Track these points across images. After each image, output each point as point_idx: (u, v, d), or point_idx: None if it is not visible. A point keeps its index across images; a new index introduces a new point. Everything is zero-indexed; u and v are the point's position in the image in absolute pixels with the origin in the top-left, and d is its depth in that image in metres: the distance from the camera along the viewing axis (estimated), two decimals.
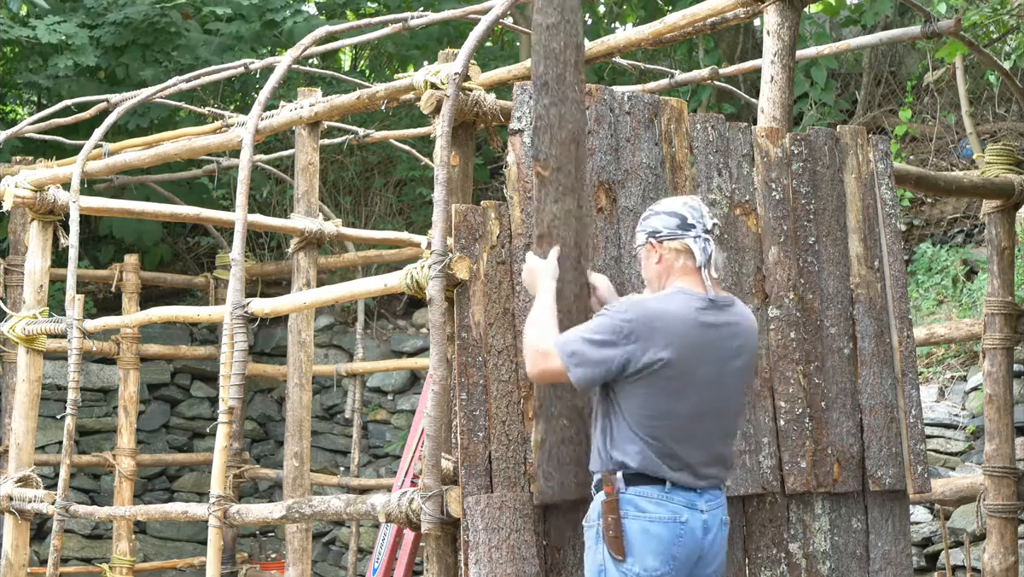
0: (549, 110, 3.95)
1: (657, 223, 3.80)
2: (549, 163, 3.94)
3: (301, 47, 5.81)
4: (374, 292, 4.75)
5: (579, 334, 3.68)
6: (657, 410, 3.67)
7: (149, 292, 10.29)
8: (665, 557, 3.64)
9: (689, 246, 3.76)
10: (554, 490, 3.92)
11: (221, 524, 5.08)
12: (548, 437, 3.91)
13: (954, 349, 8.56)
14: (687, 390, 3.68)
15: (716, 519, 3.76)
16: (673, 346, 3.65)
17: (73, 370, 6.02)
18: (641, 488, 3.66)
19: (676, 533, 3.66)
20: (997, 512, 6.25)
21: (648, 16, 11.71)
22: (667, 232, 3.77)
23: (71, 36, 10.23)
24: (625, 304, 3.74)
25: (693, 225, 3.77)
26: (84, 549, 10.33)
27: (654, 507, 3.66)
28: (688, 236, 3.76)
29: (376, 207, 11.89)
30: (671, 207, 3.82)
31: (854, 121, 10.91)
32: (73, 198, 6.11)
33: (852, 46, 7.16)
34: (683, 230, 3.76)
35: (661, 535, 3.64)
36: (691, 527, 3.68)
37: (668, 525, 3.65)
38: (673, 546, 3.65)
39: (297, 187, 6.74)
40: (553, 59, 3.93)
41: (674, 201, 3.86)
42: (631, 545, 3.64)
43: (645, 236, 3.82)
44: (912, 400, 4.86)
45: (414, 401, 10.52)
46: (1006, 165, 6.38)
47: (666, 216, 3.79)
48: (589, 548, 3.74)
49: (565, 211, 3.95)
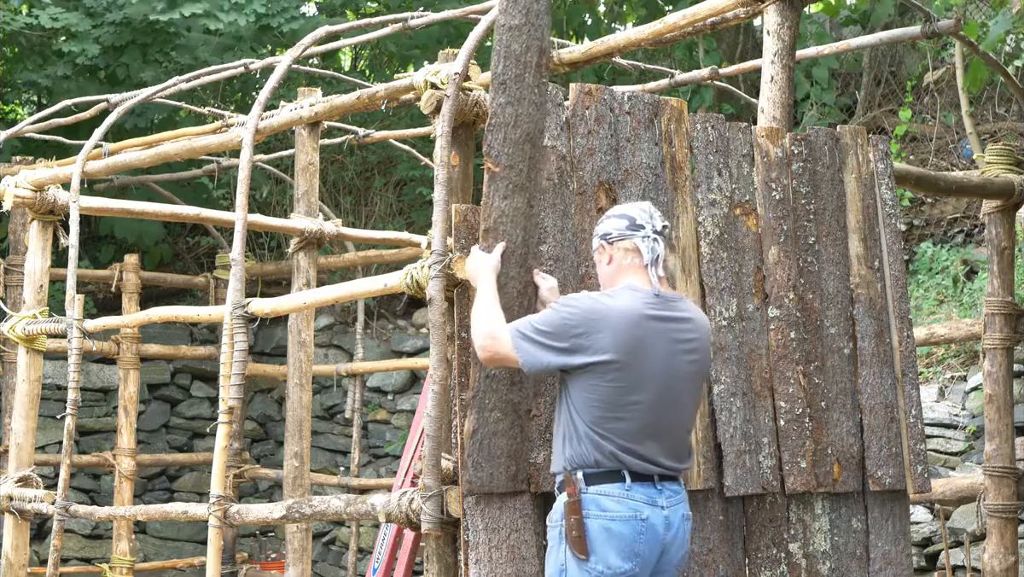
0: (504, 109, 3.99)
1: (608, 226, 3.90)
2: (500, 160, 3.98)
3: (301, 47, 5.81)
4: (374, 292, 4.75)
5: (529, 321, 3.77)
6: (609, 407, 3.71)
7: (149, 292, 10.30)
8: (628, 554, 3.69)
9: (637, 245, 3.84)
10: (483, 481, 3.93)
11: (221, 524, 5.08)
12: (480, 428, 3.94)
13: (954, 349, 8.56)
14: (637, 385, 3.73)
15: (678, 514, 3.80)
16: (619, 342, 3.70)
17: (73, 370, 6.02)
18: (602, 487, 3.71)
19: (637, 530, 3.70)
20: (997, 512, 6.26)
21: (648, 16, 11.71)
22: (617, 233, 3.87)
23: (74, 26, 10.24)
24: (572, 299, 3.80)
25: (642, 225, 3.86)
26: (84, 549, 10.33)
27: (615, 505, 3.70)
28: (637, 236, 3.85)
29: (376, 207, 11.89)
30: (622, 210, 3.92)
31: (854, 121, 10.91)
32: (73, 198, 6.11)
33: (852, 46, 7.16)
34: (632, 230, 3.85)
35: (623, 533, 3.69)
36: (652, 524, 3.72)
37: (629, 523, 3.70)
38: (635, 543, 3.70)
39: (297, 187, 6.75)
40: (513, 60, 3.99)
41: (626, 205, 3.96)
42: (593, 544, 3.68)
43: (598, 240, 3.92)
44: (912, 400, 4.86)
45: (414, 401, 10.52)
46: (1006, 165, 6.38)
47: (616, 219, 3.90)
48: (552, 548, 3.79)
49: (514, 208, 3.98)
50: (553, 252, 4.15)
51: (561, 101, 4.25)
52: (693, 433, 4.21)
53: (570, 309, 3.74)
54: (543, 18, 4.00)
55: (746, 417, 4.48)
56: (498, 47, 3.98)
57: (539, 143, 4.04)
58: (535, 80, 4.00)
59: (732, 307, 4.53)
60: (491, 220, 3.98)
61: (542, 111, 4.04)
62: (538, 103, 4.02)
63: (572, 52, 6.11)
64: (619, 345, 3.70)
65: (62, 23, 10.16)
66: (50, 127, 8.23)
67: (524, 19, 3.98)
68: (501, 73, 3.98)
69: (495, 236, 3.97)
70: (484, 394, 3.95)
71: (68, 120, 7.98)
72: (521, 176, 3.98)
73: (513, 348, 3.73)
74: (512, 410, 3.98)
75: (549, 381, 4.06)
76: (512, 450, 3.98)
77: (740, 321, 4.55)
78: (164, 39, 10.94)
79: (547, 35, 4.03)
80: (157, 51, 11.04)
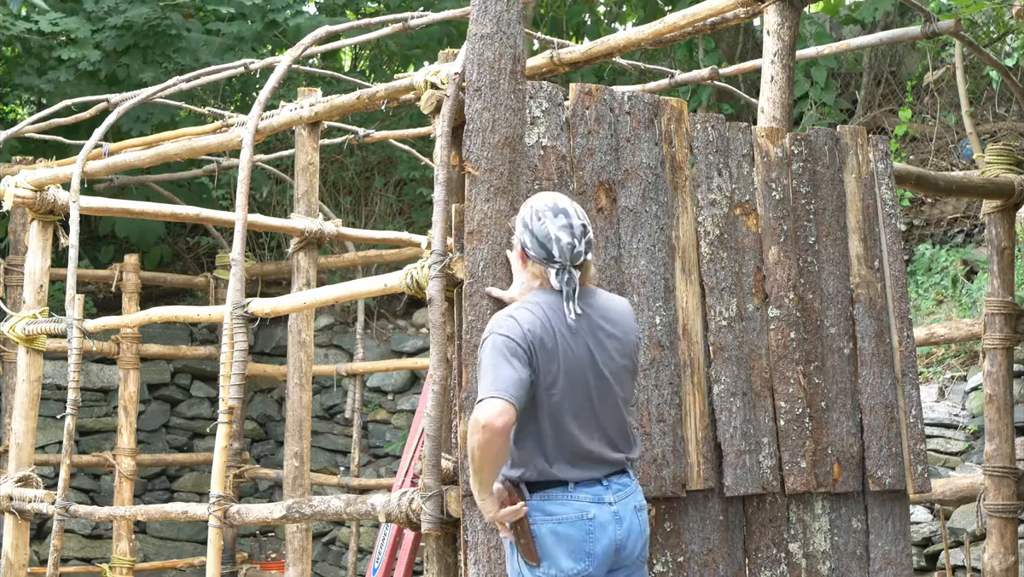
0: (481, 114, 4.04)
1: (528, 239, 3.74)
2: (480, 164, 4.03)
3: (301, 47, 5.81)
4: (374, 292, 4.75)
5: (487, 378, 3.59)
6: (539, 408, 3.66)
7: (149, 292, 10.30)
8: (579, 555, 3.66)
9: (549, 276, 3.72)
10: None
11: (221, 524, 5.08)
12: None
13: (954, 349, 8.56)
14: (562, 382, 3.67)
15: (628, 507, 3.75)
16: (551, 346, 3.64)
17: (73, 370, 6.02)
18: (545, 492, 3.68)
19: (586, 530, 3.67)
20: (997, 512, 6.26)
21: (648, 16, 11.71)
22: (534, 254, 3.74)
23: (73, 31, 10.24)
24: (498, 325, 3.68)
25: (557, 262, 3.70)
26: (84, 549, 10.33)
27: (560, 508, 3.67)
28: (551, 269, 3.72)
29: (376, 207, 11.89)
30: (545, 230, 3.72)
31: (854, 121, 10.91)
32: (73, 198, 6.11)
33: (852, 46, 7.17)
34: (546, 262, 3.71)
35: (571, 535, 3.66)
36: (600, 521, 3.69)
37: (576, 524, 3.67)
38: (585, 543, 3.67)
39: (297, 187, 6.75)
40: (487, 67, 4.06)
41: (551, 219, 3.73)
42: (544, 549, 3.65)
43: (519, 243, 3.78)
44: (912, 400, 4.86)
45: (414, 401, 10.52)
46: (1006, 165, 6.38)
47: (535, 239, 3.72)
48: (508, 556, 3.77)
49: (496, 211, 4.02)
50: None
51: (561, 101, 4.26)
52: (635, 420, 4.12)
53: (504, 337, 3.62)
54: (515, 26, 4.11)
55: (746, 417, 4.48)
56: (471, 55, 4.09)
57: (519, 147, 4.09)
58: (511, 86, 4.08)
59: (732, 307, 4.54)
60: (474, 223, 4.01)
61: (520, 116, 4.11)
62: (515, 108, 4.09)
63: (572, 52, 6.11)
64: (552, 348, 3.64)
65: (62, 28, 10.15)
66: (50, 127, 8.23)
67: (495, 27, 4.08)
68: (476, 80, 4.06)
69: (479, 239, 3.99)
70: (475, 397, 3.95)
71: (68, 120, 7.98)
72: (502, 179, 4.02)
73: (503, 400, 3.51)
74: None
75: None
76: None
77: (740, 321, 4.55)
78: (166, 41, 10.93)
79: (520, 42, 4.13)
80: (158, 53, 11.04)
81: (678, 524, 4.30)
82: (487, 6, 4.09)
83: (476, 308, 3.99)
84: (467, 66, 4.09)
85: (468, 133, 4.06)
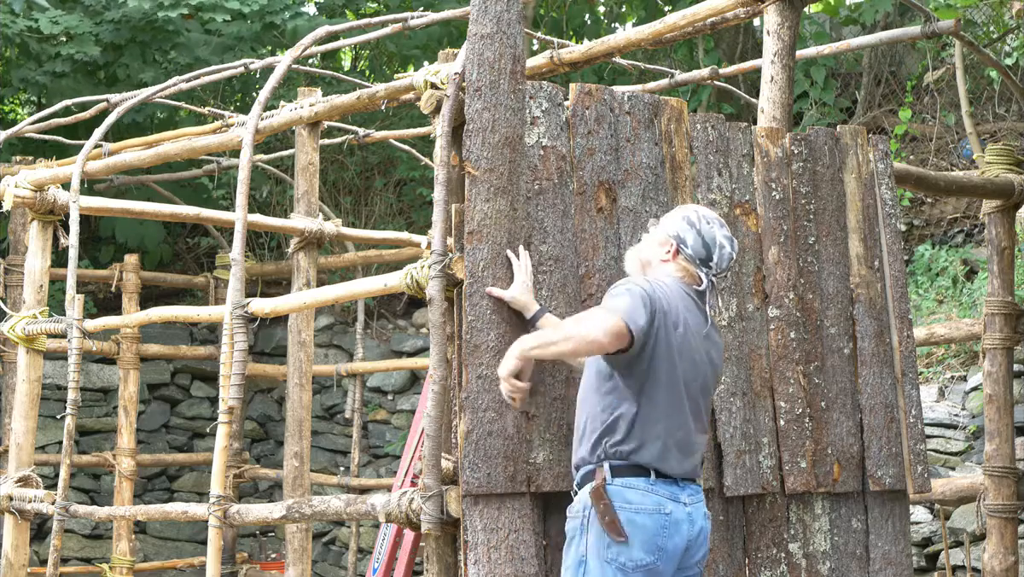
0: (481, 114, 4.05)
1: (691, 237, 3.91)
2: (480, 164, 4.03)
3: (301, 47, 5.81)
4: (374, 292, 4.75)
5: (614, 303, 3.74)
6: (649, 400, 3.74)
7: (149, 292, 10.30)
8: (651, 548, 3.70)
9: (699, 274, 3.91)
10: (480, 482, 3.93)
11: (221, 524, 5.08)
12: (475, 429, 3.94)
13: (954, 349, 8.56)
14: (683, 368, 3.79)
15: (700, 512, 3.84)
16: (675, 325, 3.77)
17: (73, 370, 6.02)
18: (627, 480, 3.74)
19: (661, 524, 3.72)
20: (997, 512, 6.26)
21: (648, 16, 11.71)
22: (692, 252, 3.90)
23: (73, 28, 10.23)
24: (633, 281, 3.84)
25: (711, 265, 3.91)
26: (84, 549, 10.33)
27: (640, 497, 3.72)
28: (701, 269, 3.91)
29: (376, 207, 11.89)
30: (712, 234, 3.91)
31: (854, 121, 10.91)
32: (73, 198, 6.10)
33: (852, 46, 7.17)
34: (701, 263, 3.90)
35: (647, 525, 3.71)
36: (676, 518, 3.75)
37: (653, 516, 3.72)
38: (658, 537, 3.72)
39: (297, 187, 6.74)
40: (487, 67, 4.08)
41: (719, 229, 3.93)
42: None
43: (672, 237, 3.92)
44: (912, 400, 4.86)
45: (414, 401, 10.52)
46: (1006, 165, 6.38)
47: (700, 238, 3.90)
48: (571, 540, 3.80)
49: (496, 211, 4.03)
50: (553, 252, 4.15)
51: (561, 101, 4.26)
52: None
53: (637, 287, 3.77)
54: (515, 27, 4.12)
55: (746, 417, 4.48)
56: (471, 55, 4.09)
57: (519, 147, 4.10)
58: (511, 86, 4.09)
59: (732, 307, 4.54)
60: (475, 223, 4.02)
61: (520, 116, 4.12)
62: (515, 108, 4.10)
63: (572, 52, 6.11)
64: (673, 329, 3.77)
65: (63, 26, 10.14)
66: (50, 127, 8.22)
67: (495, 27, 4.09)
68: (476, 80, 4.07)
69: (479, 238, 4.00)
70: (477, 395, 3.96)
71: (68, 120, 7.97)
72: (502, 179, 4.03)
73: (621, 320, 3.65)
74: (507, 410, 3.98)
75: (547, 381, 4.07)
76: (509, 451, 3.97)
77: (740, 321, 4.55)
78: (163, 37, 10.93)
79: (520, 42, 4.14)
80: (156, 50, 11.04)
81: None
82: (487, 6, 4.10)
83: (476, 308, 3.99)
84: (467, 66, 4.10)
85: (468, 133, 4.06)
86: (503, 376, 3.82)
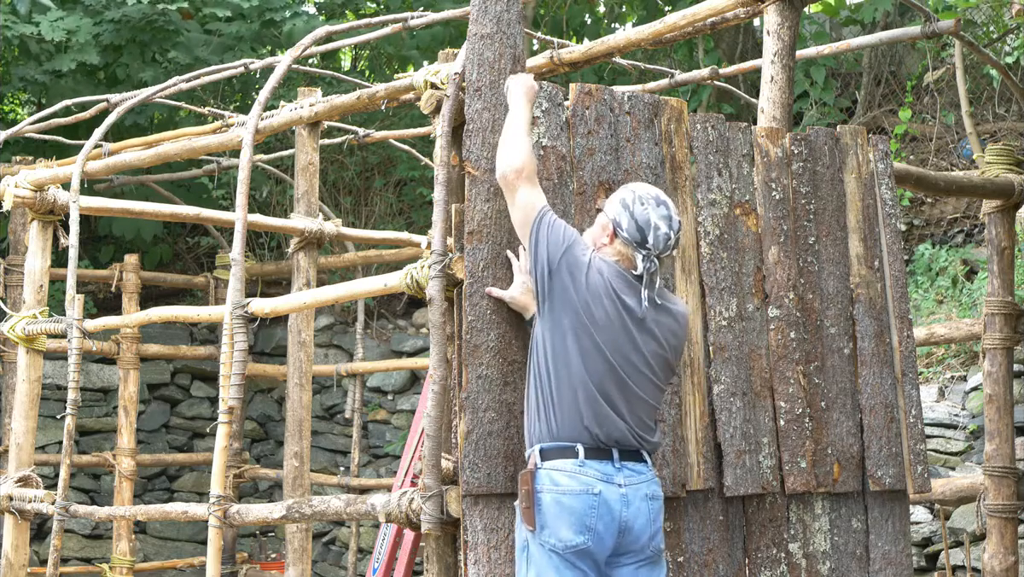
0: (481, 114, 4.07)
1: (625, 220, 3.89)
2: (480, 164, 4.05)
3: (301, 47, 5.81)
4: (374, 292, 4.75)
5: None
6: (566, 365, 3.78)
7: (149, 292, 10.30)
8: (580, 528, 3.72)
9: (634, 257, 3.88)
10: (480, 482, 3.94)
11: (221, 524, 5.08)
12: (475, 429, 3.95)
13: (954, 349, 8.56)
14: (605, 342, 3.80)
15: (638, 493, 3.81)
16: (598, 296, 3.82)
17: (73, 370, 6.02)
18: (555, 461, 3.77)
19: (589, 504, 3.73)
20: (997, 512, 6.26)
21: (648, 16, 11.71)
22: (627, 235, 3.88)
23: (74, 32, 10.22)
24: None
25: (648, 247, 3.87)
26: (84, 549, 10.33)
27: (567, 480, 3.74)
28: (639, 252, 3.87)
29: (376, 207, 11.89)
30: (645, 219, 3.88)
31: (854, 121, 10.91)
32: (73, 198, 6.11)
33: (852, 46, 7.17)
34: (638, 246, 3.87)
35: (574, 507, 3.72)
36: (606, 498, 3.75)
37: (580, 497, 3.73)
38: (587, 517, 3.73)
39: (297, 187, 6.74)
40: (487, 67, 4.09)
41: (654, 208, 3.90)
42: (546, 517, 3.72)
43: (610, 219, 3.92)
44: (912, 400, 4.86)
45: (414, 401, 10.52)
46: (1006, 165, 6.38)
47: (634, 221, 3.88)
48: (516, 523, 3.85)
49: (496, 211, 4.04)
50: None
51: (561, 101, 4.26)
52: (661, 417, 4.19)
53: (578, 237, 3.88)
54: (515, 27, 4.13)
55: (746, 417, 4.48)
56: (471, 55, 4.11)
57: None
58: None
59: (732, 307, 4.53)
60: (475, 223, 4.02)
61: None
62: None
63: (572, 52, 6.11)
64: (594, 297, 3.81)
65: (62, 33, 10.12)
66: (50, 127, 8.23)
67: (495, 27, 4.11)
68: (475, 80, 4.08)
69: (479, 239, 4.00)
70: (477, 395, 3.96)
71: (68, 120, 7.97)
72: None
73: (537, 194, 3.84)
74: (507, 410, 3.99)
75: None
76: (509, 450, 3.97)
77: (740, 321, 4.55)
78: (163, 37, 10.92)
79: (520, 42, 4.15)
80: (155, 49, 11.03)
81: (678, 524, 4.30)
82: (487, 6, 4.10)
83: (476, 308, 3.99)
84: (467, 66, 4.10)
85: (468, 133, 4.07)
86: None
